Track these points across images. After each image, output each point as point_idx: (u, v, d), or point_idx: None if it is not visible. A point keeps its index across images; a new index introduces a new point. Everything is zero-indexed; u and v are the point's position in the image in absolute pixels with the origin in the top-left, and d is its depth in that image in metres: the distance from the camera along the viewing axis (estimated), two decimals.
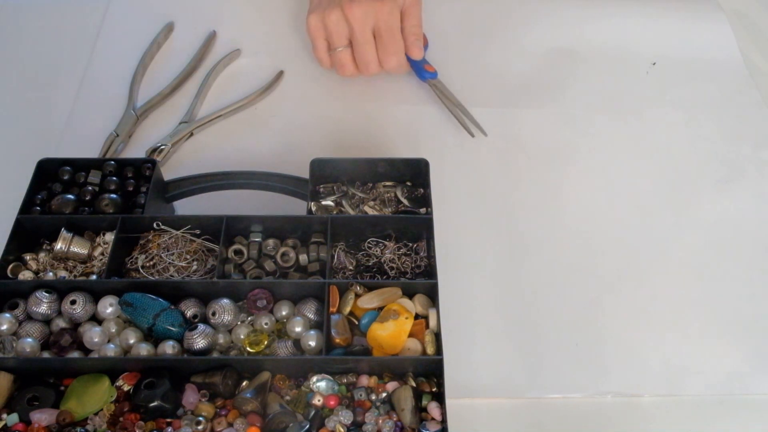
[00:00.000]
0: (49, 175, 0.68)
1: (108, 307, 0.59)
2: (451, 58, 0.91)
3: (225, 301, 0.60)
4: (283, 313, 0.61)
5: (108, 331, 0.59)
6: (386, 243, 0.66)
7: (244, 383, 0.57)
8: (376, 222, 0.66)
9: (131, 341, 0.58)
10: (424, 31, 0.86)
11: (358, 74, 0.84)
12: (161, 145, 0.79)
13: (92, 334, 0.58)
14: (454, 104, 0.85)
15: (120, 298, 0.59)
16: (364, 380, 0.57)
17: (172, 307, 0.59)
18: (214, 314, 0.59)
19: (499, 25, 0.96)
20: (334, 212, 0.67)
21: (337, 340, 0.58)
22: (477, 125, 0.83)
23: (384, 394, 0.56)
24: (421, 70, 0.87)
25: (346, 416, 0.54)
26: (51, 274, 0.62)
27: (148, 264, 0.64)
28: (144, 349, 0.57)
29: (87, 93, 0.86)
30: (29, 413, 0.54)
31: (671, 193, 0.79)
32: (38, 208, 0.66)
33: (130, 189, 0.68)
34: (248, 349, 0.58)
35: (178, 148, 0.81)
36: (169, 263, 0.64)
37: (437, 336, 0.58)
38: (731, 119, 0.86)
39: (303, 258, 0.64)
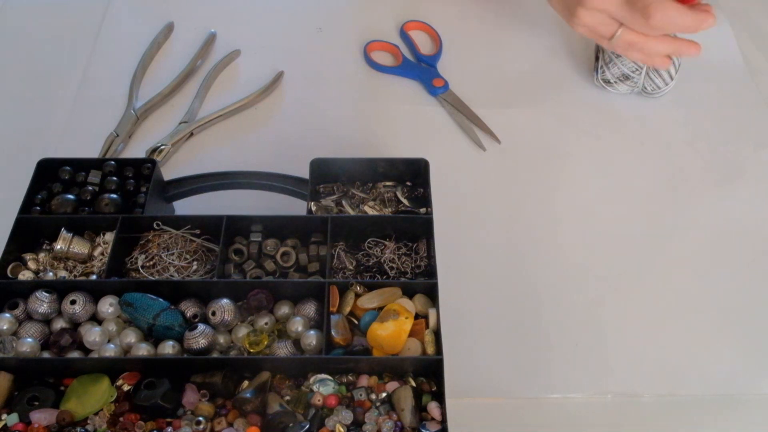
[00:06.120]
0: (49, 175, 0.68)
1: (108, 307, 0.59)
2: (451, 59, 0.91)
3: (225, 301, 0.60)
4: (283, 312, 0.61)
5: (108, 331, 0.59)
6: (386, 243, 0.66)
7: (244, 383, 0.57)
8: (376, 222, 0.66)
9: (131, 341, 0.58)
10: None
11: None
12: (161, 145, 0.79)
13: (92, 334, 0.58)
14: (466, 116, 0.84)
15: (120, 298, 0.59)
16: (364, 380, 0.57)
17: (172, 307, 0.59)
18: (214, 314, 0.59)
19: (498, 26, 0.96)
20: (334, 212, 0.67)
21: (337, 340, 0.58)
22: (491, 133, 0.83)
23: (384, 394, 0.56)
24: (431, 86, 0.87)
25: (346, 416, 0.54)
26: (51, 274, 0.62)
27: (148, 264, 0.64)
28: (144, 349, 0.57)
29: (87, 93, 0.86)
30: (29, 413, 0.54)
31: (671, 193, 0.79)
32: (38, 208, 0.66)
33: (130, 189, 0.68)
34: (248, 349, 0.58)
35: (178, 148, 0.81)
36: (169, 263, 0.64)
37: (437, 336, 0.58)
38: (731, 119, 0.86)
39: (303, 258, 0.64)
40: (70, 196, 0.66)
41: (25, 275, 0.62)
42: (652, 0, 0.67)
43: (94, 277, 0.62)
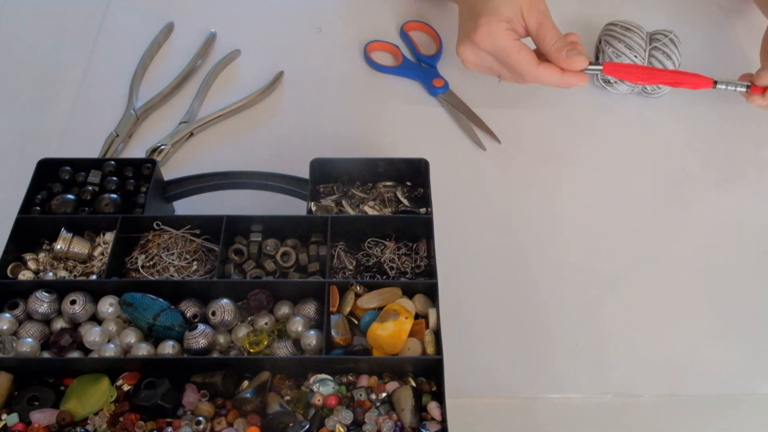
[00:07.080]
0: (49, 175, 0.68)
1: (108, 307, 0.59)
2: (451, 59, 0.91)
3: (225, 301, 0.60)
4: (283, 312, 0.61)
5: (108, 331, 0.59)
6: (386, 243, 0.66)
7: (244, 383, 0.57)
8: (376, 222, 0.66)
9: (131, 341, 0.58)
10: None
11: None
12: (161, 145, 0.79)
13: (92, 334, 0.58)
14: (467, 116, 0.84)
15: (120, 298, 0.59)
16: (364, 380, 0.57)
17: (172, 307, 0.59)
18: (214, 314, 0.59)
19: None
20: (334, 212, 0.67)
21: (337, 340, 0.58)
22: (491, 133, 0.83)
23: (384, 394, 0.56)
24: (431, 86, 0.87)
25: (346, 416, 0.54)
26: (51, 274, 0.62)
27: (148, 264, 0.64)
28: (144, 349, 0.57)
29: (87, 93, 0.86)
30: (29, 413, 0.54)
31: (671, 193, 0.79)
32: (38, 208, 0.66)
33: (130, 189, 0.68)
34: (248, 349, 0.58)
35: (178, 148, 0.81)
36: (169, 263, 0.64)
37: (437, 336, 0.58)
38: (731, 119, 0.86)
39: (303, 258, 0.64)
40: (70, 196, 0.66)
41: (25, 275, 0.62)
42: (527, 71, 0.74)
43: (94, 277, 0.62)
